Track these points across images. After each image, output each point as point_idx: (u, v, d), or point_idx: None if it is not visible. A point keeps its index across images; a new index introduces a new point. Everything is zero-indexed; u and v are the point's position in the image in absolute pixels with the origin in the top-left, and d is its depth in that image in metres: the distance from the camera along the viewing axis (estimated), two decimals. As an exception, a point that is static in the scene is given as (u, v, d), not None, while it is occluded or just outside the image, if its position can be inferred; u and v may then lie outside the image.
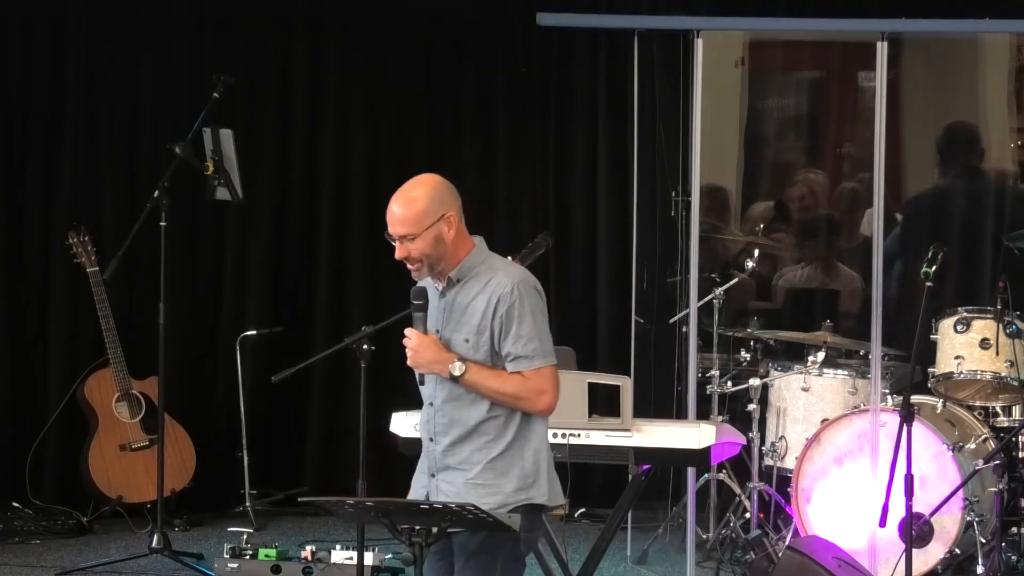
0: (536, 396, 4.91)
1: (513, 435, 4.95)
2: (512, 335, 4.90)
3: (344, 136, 9.51)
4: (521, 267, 5.07)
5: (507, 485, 4.94)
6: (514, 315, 4.89)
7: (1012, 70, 9.34)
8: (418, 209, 5.00)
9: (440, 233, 4.98)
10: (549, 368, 4.93)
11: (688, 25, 7.67)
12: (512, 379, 4.91)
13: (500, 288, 4.92)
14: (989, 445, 7.58)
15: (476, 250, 5.05)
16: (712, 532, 8.15)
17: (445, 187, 5.11)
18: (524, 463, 4.96)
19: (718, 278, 8.40)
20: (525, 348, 4.89)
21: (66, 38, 9.26)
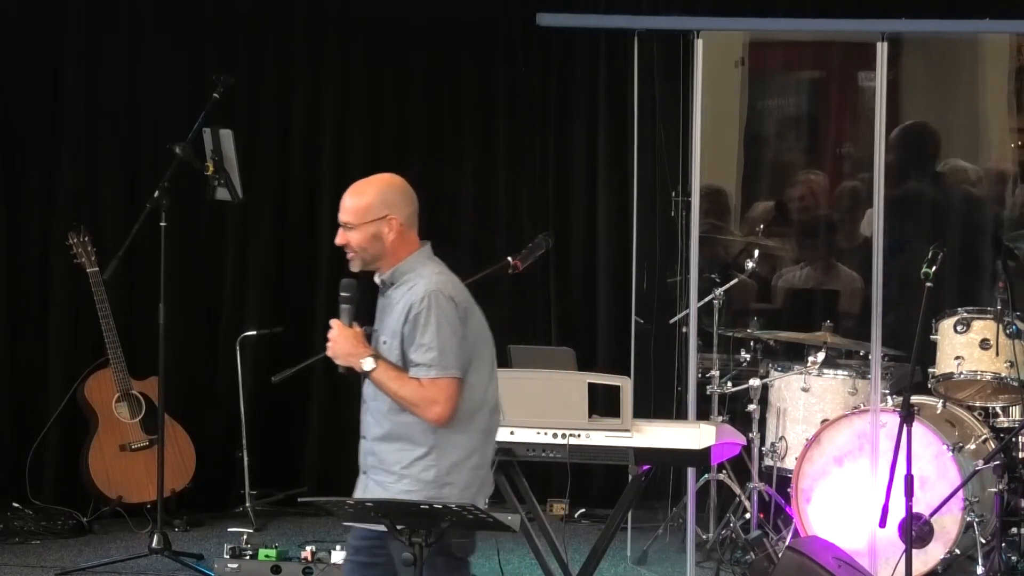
0: (428, 405, 4.93)
1: (433, 442, 4.98)
2: (416, 343, 4.95)
3: (344, 136, 9.51)
4: (446, 277, 5.07)
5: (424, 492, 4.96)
6: (420, 323, 4.95)
7: (1012, 70, 9.34)
8: (363, 203, 5.09)
9: (379, 232, 5.05)
10: (446, 380, 4.93)
11: (688, 25, 7.67)
12: (410, 384, 4.95)
13: (414, 295, 4.99)
14: (989, 445, 7.58)
15: (414, 256, 5.09)
16: (712, 532, 8.15)
17: (399, 191, 5.15)
18: (440, 469, 4.98)
19: (718, 278, 8.40)
20: (424, 356, 4.93)
21: (66, 38, 9.26)
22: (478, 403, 5.01)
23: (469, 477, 5.01)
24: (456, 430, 4.98)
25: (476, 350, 5.02)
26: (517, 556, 7.77)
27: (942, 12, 8.11)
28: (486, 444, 5.08)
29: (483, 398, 5.03)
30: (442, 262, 5.16)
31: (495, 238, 9.49)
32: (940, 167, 9.10)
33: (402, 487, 4.98)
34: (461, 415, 4.98)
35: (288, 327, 9.18)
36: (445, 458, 4.98)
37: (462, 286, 5.10)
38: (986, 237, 8.85)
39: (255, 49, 9.47)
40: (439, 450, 4.97)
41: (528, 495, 6.26)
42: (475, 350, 5.02)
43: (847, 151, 9.42)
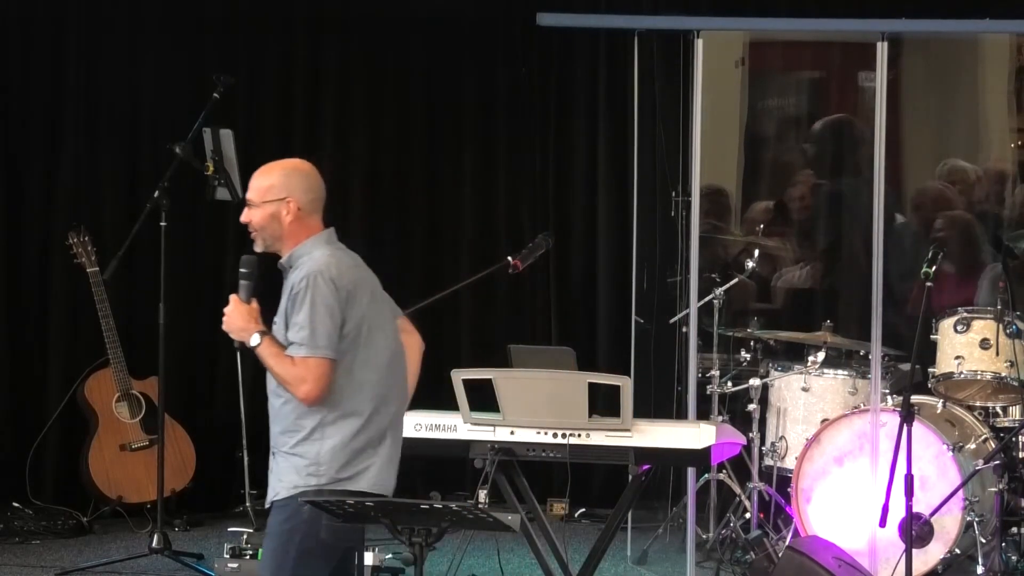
0: (297, 383, 5.01)
1: (315, 423, 5.06)
2: (292, 321, 5.04)
3: (344, 136, 9.51)
4: (334, 260, 5.14)
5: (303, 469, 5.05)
6: (297, 302, 5.04)
7: (1012, 70, 9.34)
8: (266, 183, 5.20)
9: (277, 212, 5.15)
10: (316, 360, 5.00)
11: (688, 25, 7.67)
12: (285, 362, 5.04)
13: (297, 275, 5.09)
14: (989, 445, 7.58)
15: (310, 241, 5.18)
16: (712, 532, 8.15)
17: (302, 176, 5.27)
18: (320, 451, 5.05)
19: (718, 278, 8.40)
20: (297, 335, 5.02)
21: (66, 38, 9.26)
22: (357, 386, 5.07)
23: (353, 460, 5.06)
24: (335, 412, 5.05)
25: (360, 334, 5.08)
26: (517, 556, 7.77)
27: (942, 12, 8.11)
28: (371, 429, 5.10)
29: (363, 381, 5.08)
30: (343, 248, 5.23)
31: (495, 238, 9.50)
32: (940, 167, 9.10)
33: (289, 465, 5.07)
34: (342, 396, 5.05)
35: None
36: (327, 439, 5.05)
37: (354, 270, 5.17)
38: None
39: (255, 49, 9.47)
40: (322, 430, 5.04)
41: (528, 495, 6.26)
42: (359, 334, 5.08)
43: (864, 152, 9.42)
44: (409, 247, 9.58)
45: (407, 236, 9.58)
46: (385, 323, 5.20)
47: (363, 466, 5.08)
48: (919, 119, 9.22)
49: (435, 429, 6.04)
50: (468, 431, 5.97)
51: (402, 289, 9.39)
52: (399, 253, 9.56)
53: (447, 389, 5.90)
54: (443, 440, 6.02)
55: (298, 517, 5.03)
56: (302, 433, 5.07)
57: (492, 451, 5.93)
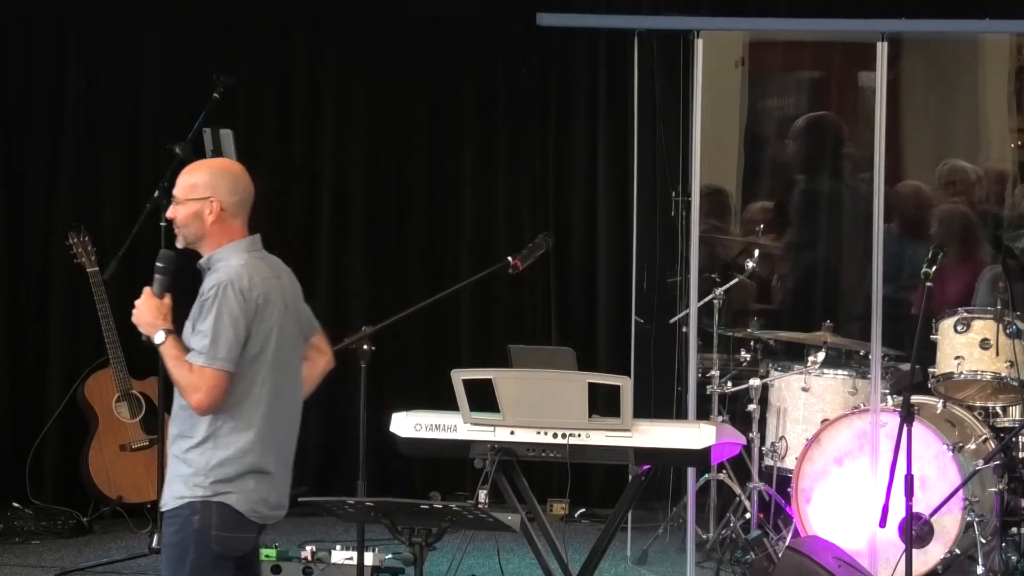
0: (191, 390, 4.97)
1: (207, 432, 5.00)
2: (196, 328, 5.02)
3: (344, 136, 9.52)
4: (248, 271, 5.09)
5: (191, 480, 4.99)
6: (203, 310, 5.02)
7: (1012, 70, 9.34)
8: (191, 180, 5.20)
9: (200, 211, 5.13)
10: (212, 371, 4.94)
11: (688, 25, 7.67)
12: (183, 366, 5.00)
13: (209, 283, 5.06)
14: (989, 445, 7.57)
15: (231, 246, 5.14)
16: (712, 532, 8.15)
17: (229, 177, 5.21)
18: (212, 460, 5.00)
19: (718, 278, 8.40)
20: (198, 343, 4.99)
21: (66, 38, 9.26)
22: (255, 401, 5.01)
23: (242, 474, 5.00)
24: (233, 424, 4.99)
25: (264, 349, 5.03)
26: (517, 556, 7.77)
27: (942, 12, 8.11)
28: (263, 446, 5.03)
29: (261, 397, 5.02)
30: (263, 257, 5.18)
31: (495, 238, 9.50)
32: (940, 167, 9.11)
33: (179, 470, 5.03)
34: (240, 410, 4.99)
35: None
36: (220, 450, 4.99)
37: (268, 282, 5.10)
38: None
39: (255, 49, 9.48)
40: (214, 440, 4.99)
41: (528, 495, 6.25)
42: (263, 349, 5.03)
43: (847, 151, 9.42)
44: (409, 247, 9.58)
45: (407, 236, 9.58)
46: (292, 339, 5.13)
47: (249, 485, 5.02)
48: (919, 119, 9.22)
49: (435, 429, 6.03)
50: (468, 431, 5.96)
51: (402, 289, 9.49)
52: (399, 253, 9.57)
53: (447, 389, 5.90)
54: (443, 440, 6.01)
55: (188, 528, 4.97)
56: (194, 440, 5.01)
57: (492, 451, 5.92)
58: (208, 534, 4.95)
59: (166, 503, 5.03)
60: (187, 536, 4.96)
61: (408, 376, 9.44)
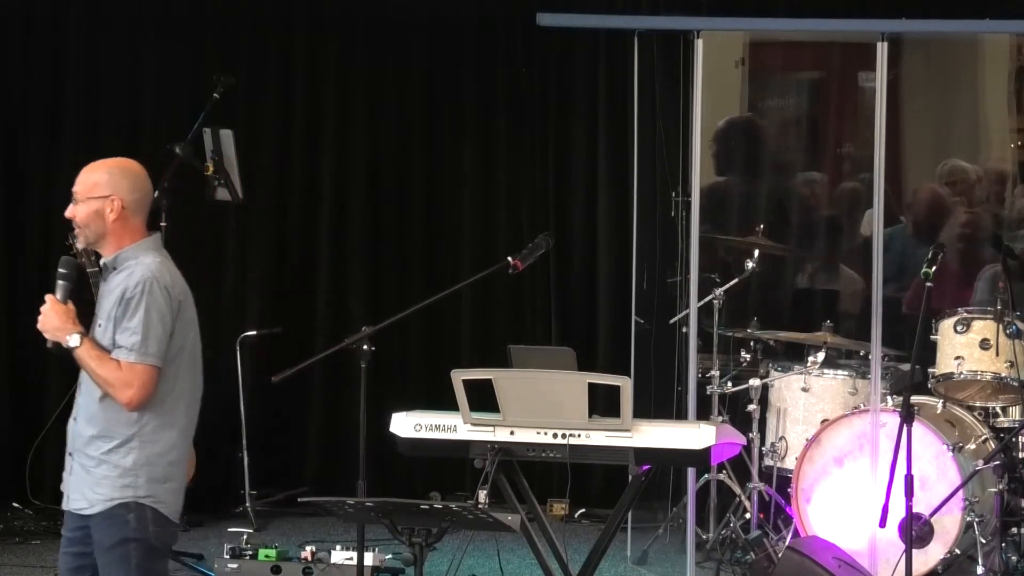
0: (122, 387, 5.00)
1: (132, 431, 5.04)
2: (123, 325, 5.04)
3: (344, 136, 9.52)
4: (164, 267, 5.16)
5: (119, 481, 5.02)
6: (130, 307, 5.04)
7: (1012, 70, 9.34)
8: (93, 178, 5.24)
9: (101, 210, 5.16)
10: (143, 367, 5.00)
11: (688, 25, 7.67)
12: (110, 364, 5.04)
13: (130, 280, 5.07)
14: (989, 445, 7.57)
15: (138, 244, 5.18)
16: (712, 532, 8.15)
17: (129, 176, 5.26)
18: (137, 458, 5.04)
19: (718, 278, 8.39)
20: (127, 340, 5.02)
21: (66, 38, 9.26)
22: (178, 397, 5.08)
23: (167, 471, 5.07)
24: (158, 421, 5.05)
25: (184, 346, 5.10)
26: (517, 556, 7.77)
27: (942, 12, 8.11)
28: (183, 444, 5.13)
29: (182, 394, 5.10)
30: (167, 255, 5.25)
31: (495, 238, 9.50)
32: (940, 167, 9.11)
33: (102, 472, 5.04)
34: (164, 407, 5.05)
35: (288, 327, 9.18)
36: (145, 448, 5.04)
37: (180, 279, 5.20)
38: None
39: (255, 49, 9.47)
40: (140, 439, 5.03)
41: (528, 495, 6.25)
42: (183, 346, 5.10)
43: (847, 151, 9.42)
44: (409, 247, 9.58)
45: (407, 236, 9.58)
46: (197, 335, 5.21)
47: (174, 484, 5.11)
48: (919, 119, 9.22)
49: (435, 429, 6.03)
50: (468, 431, 5.96)
51: (402, 289, 9.49)
52: (399, 253, 9.57)
53: (447, 389, 5.90)
54: (443, 440, 6.00)
55: (127, 528, 5.02)
56: (117, 440, 5.04)
57: (492, 451, 5.91)
58: (147, 531, 5.02)
59: (91, 506, 5.03)
60: (126, 536, 5.01)
61: (408, 376, 9.45)
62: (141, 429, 5.04)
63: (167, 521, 5.08)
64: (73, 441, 5.14)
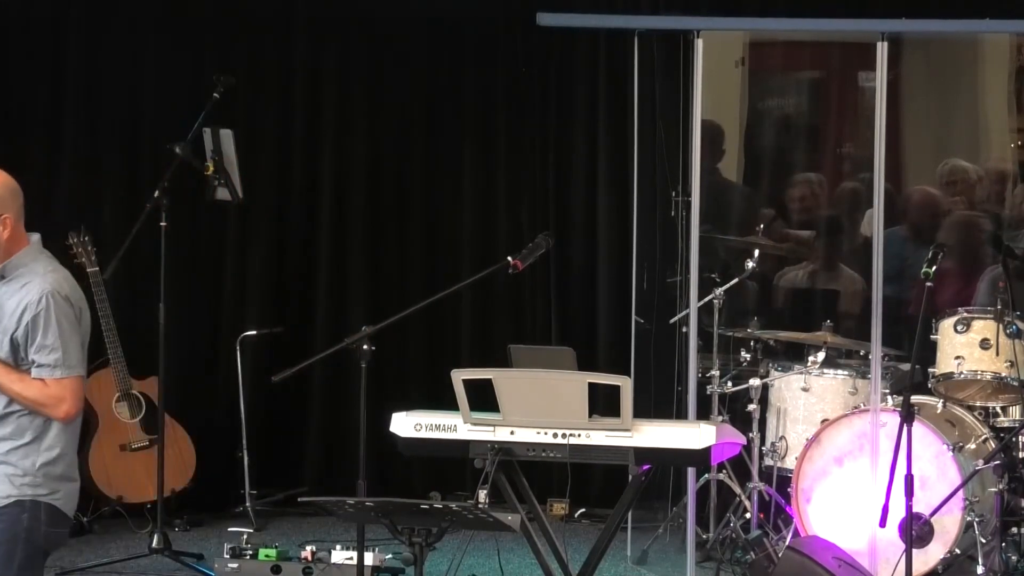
0: (56, 404, 5.02)
1: (33, 435, 5.05)
2: (37, 344, 5.00)
3: (344, 136, 9.52)
4: (59, 275, 5.14)
5: (18, 479, 5.04)
6: (40, 324, 4.99)
7: (1012, 70, 9.35)
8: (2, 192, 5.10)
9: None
10: (71, 379, 5.02)
11: (688, 25, 7.67)
12: (34, 385, 5.01)
13: (28, 296, 5.02)
14: (989, 445, 7.58)
15: (25, 251, 5.15)
16: (712, 532, 8.15)
17: (8, 189, 5.25)
18: (38, 461, 5.06)
19: (718, 278, 8.40)
20: (47, 357, 5.00)
21: (66, 38, 9.26)
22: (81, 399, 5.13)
23: (67, 471, 5.12)
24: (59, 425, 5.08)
25: (84, 351, 5.13)
26: (517, 556, 7.77)
27: (942, 12, 8.11)
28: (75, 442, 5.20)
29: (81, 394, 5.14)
30: (53, 257, 5.22)
31: (495, 238, 9.50)
32: (941, 167, 9.11)
33: (4, 471, 5.04)
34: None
35: (288, 327, 9.18)
36: (47, 451, 5.07)
37: (74, 283, 5.17)
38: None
39: (255, 49, 9.47)
40: (39, 442, 5.06)
41: (528, 495, 6.25)
42: (83, 350, 5.13)
43: (847, 151, 9.43)
44: (409, 247, 9.58)
45: (407, 236, 9.58)
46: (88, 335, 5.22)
47: (71, 484, 5.16)
48: (919, 119, 9.22)
49: (435, 429, 6.03)
50: (468, 431, 5.96)
51: (402, 289, 9.49)
52: (399, 253, 9.57)
53: (447, 389, 5.90)
54: (443, 440, 6.00)
55: (18, 526, 5.03)
56: (20, 441, 5.06)
57: (492, 451, 5.91)
58: (38, 532, 5.04)
59: None
60: (16, 534, 5.02)
61: (408, 376, 9.44)
62: (43, 432, 5.06)
63: (61, 521, 5.11)
64: None
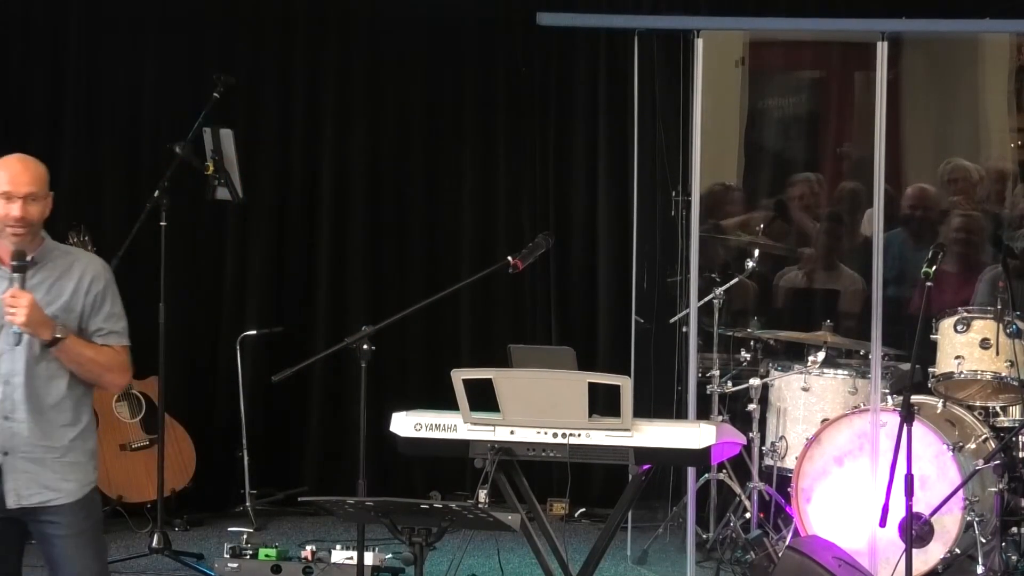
0: (123, 370, 5.19)
1: (87, 419, 5.18)
2: (106, 312, 5.16)
3: (344, 136, 9.52)
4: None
5: (88, 465, 5.18)
6: (108, 294, 5.17)
7: (1012, 70, 9.35)
8: (43, 173, 5.14)
9: (47, 206, 5.14)
10: (127, 348, 5.23)
11: (688, 25, 7.67)
12: (105, 351, 5.15)
13: (89, 270, 5.15)
14: (989, 445, 7.58)
15: (47, 238, 5.20)
16: (712, 532, 8.15)
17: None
18: (91, 445, 5.21)
19: (718, 278, 8.40)
20: (117, 324, 5.19)
21: (66, 38, 9.26)
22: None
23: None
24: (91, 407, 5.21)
25: None
26: (517, 556, 7.77)
27: (942, 12, 8.11)
28: None
29: None
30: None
31: (495, 238, 9.50)
32: (943, 166, 9.11)
33: (71, 459, 5.13)
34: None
35: (288, 327, 9.18)
36: (92, 433, 5.23)
37: None
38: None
39: (255, 49, 9.47)
40: (90, 425, 5.21)
41: (528, 495, 6.25)
42: None
43: (847, 151, 9.43)
44: (409, 247, 9.58)
45: (407, 235, 9.58)
46: None
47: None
48: (919, 119, 9.22)
49: (435, 429, 6.03)
50: (468, 431, 5.96)
51: (402, 289, 9.49)
52: (399, 253, 9.57)
53: (447, 389, 5.90)
54: (443, 440, 6.01)
55: (97, 510, 5.24)
56: (80, 426, 5.17)
57: (492, 451, 5.92)
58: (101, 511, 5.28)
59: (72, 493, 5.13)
60: (98, 517, 5.25)
61: (408, 376, 9.45)
62: (90, 416, 5.20)
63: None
64: (10, 440, 5.10)
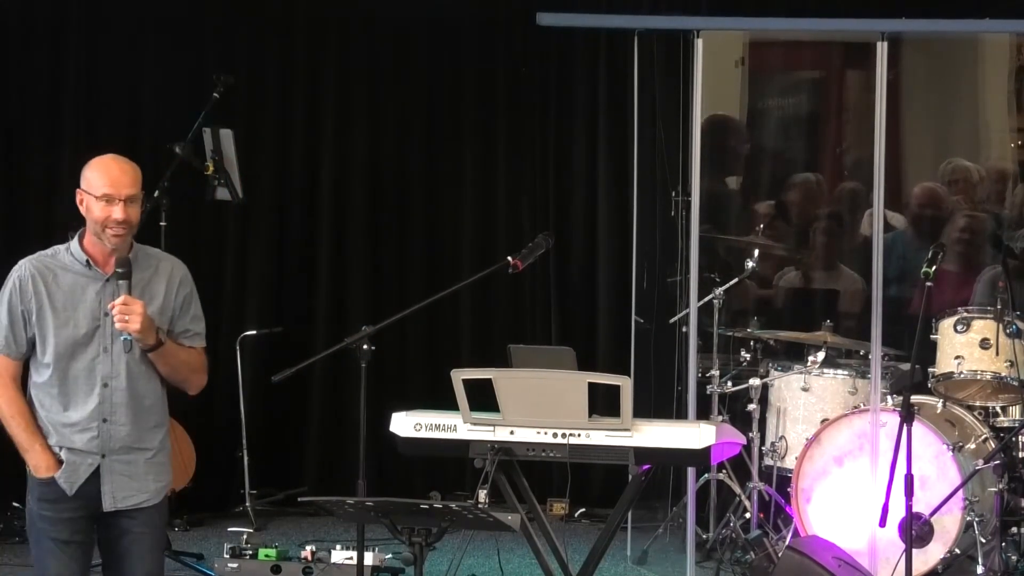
0: (204, 371, 5.29)
1: (167, 421, 5.31)
2: (192, 314, 5.22)
3: (344, 136, 9.52)
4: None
5: (169, 465, 5.30)
6: (194, 296, 5.24)
7: (1012, 70, 9.35)
8: (140, 174, 5.32)
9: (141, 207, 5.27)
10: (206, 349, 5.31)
11: (688, 25, 7.67)
12: (192, 352, 5.24)
13: (174, 272, 5.23)
14: (989, 445, 7.58)
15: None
16: (712, 532, 8.15)
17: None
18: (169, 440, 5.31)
19: (718, 278, 8.40)
20: (199, 326, 5.25)
21: (66, 38, 9.26)
22: None
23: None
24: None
25: None
26: (517, 556, 7.77)
27: (942, 12, 8.11)
28: None
29: None
30: None
31: (495, 238, 9.50)
32: (943, 166, 9.12)
33: (160, 460, 5.23)
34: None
35: (288, 327, 9.18)
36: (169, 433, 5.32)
37: None
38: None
39: (255, 49, 9.47)
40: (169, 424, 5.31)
41: (528, 495, 6.25)
42: None
43: (847, 151, 9.43)
44: (409, 246, 9.58)
45: (407, 235, 9.58)
46: None
47: None
48: (919, 119, 9.23)
49: (435, 429, 6.03)
50: (468, 431, 5.96)
51: (402, 289, 9.49)
52: (399, 253, 9.57)
53: (447, 389, 5.90)
54: (443, 440, 6.00)
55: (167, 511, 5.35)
56: (166, 427, 5.29)
57: (492, 451, 5.91)
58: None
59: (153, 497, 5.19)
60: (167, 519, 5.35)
61: (408, 376, 9.45)
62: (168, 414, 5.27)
63: None
64: (108, 442, 5.16)
